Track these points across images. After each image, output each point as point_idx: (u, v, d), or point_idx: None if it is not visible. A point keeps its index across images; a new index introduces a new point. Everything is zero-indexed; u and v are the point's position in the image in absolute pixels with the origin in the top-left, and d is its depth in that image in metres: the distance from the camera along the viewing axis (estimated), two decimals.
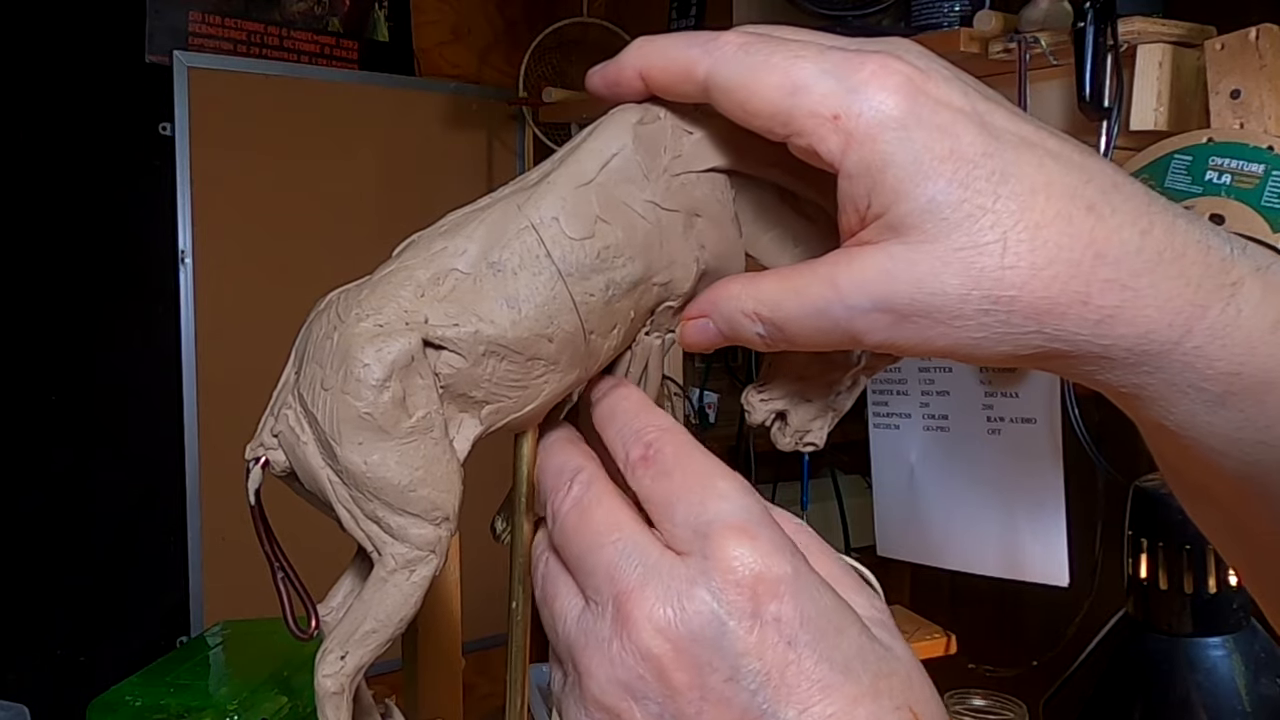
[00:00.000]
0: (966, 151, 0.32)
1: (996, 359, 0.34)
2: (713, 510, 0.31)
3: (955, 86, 0.33)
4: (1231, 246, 0.34)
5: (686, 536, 0.31)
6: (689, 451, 0.33)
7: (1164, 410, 0.35)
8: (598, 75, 0.37)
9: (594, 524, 0.33)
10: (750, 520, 0.31)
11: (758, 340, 0.36)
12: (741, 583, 0.30)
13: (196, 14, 1.81)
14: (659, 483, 0.33)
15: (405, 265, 0.36)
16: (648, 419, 0.35)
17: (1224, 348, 0.33)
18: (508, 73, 2.05)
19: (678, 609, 0.30)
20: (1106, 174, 0.33)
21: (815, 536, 0.35)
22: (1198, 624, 0.87)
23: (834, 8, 1.23)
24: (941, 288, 0.32)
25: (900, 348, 0.34)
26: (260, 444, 0.36)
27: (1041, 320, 0.32)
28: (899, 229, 0.32)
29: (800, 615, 0.30)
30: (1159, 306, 0.32)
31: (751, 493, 0.32)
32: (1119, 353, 0.33)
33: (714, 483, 0.32)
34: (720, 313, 0.37)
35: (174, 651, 1.21)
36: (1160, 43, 1.00)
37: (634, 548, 0.32)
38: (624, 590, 0.31)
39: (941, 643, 1.27)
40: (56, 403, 1.73)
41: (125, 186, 1.77)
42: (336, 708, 0.36)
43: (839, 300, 0.34)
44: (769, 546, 0.30)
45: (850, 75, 0.32)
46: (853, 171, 0.33)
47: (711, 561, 0.30)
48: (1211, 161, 0.93)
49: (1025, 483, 1.22)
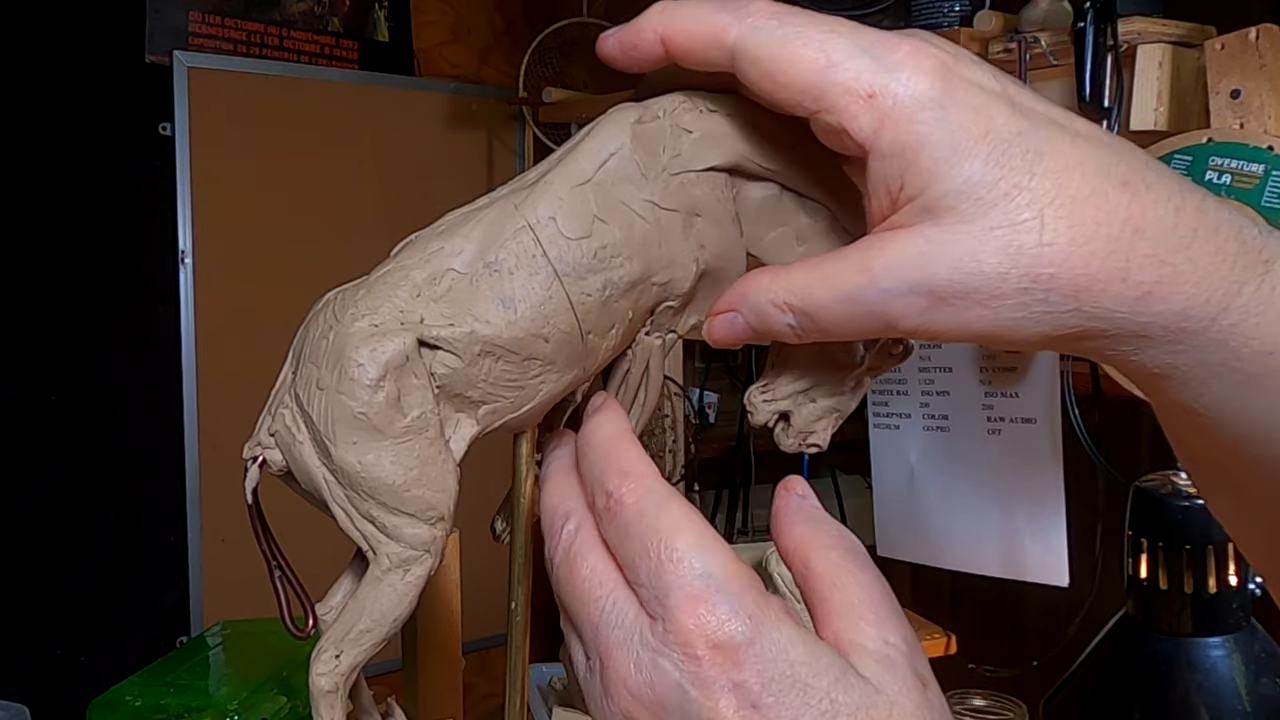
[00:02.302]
0: (1001, 131, 0.32)
1: (1034, 341, 0.33)
2: (670, 578, 0.31)
3: (984, 69, 0.33)
4: (1259, 227, 0.34)
5: (650, 599, 0.32)
6: (646, 506, 0.33)
7: (1196, 392, 0.35)
8: (613, 38, 0.36)
9: (580, 579, 0.33)
10: (707, 587, 0.31)
11: (788, 331, 0.36)
12: (699, 656, 0.30)
13: (196, 14, 1.81)
14: (621, 540, 0.33)
15: (402, 265, 0.36)
16: (614, 461, 0.35)
17: (1259, 325, 0.33)
18: (508, 73, 2.05)
19: (647, 675, 0.31)
20: (1137, 154, 0.33)
21: (833, 561, 0.34)
22: (1198, 624, 0.87)
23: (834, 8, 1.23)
24: (979, 267, 0.32)
25: (936, 332, 0.34)
26: (257, 443, 0.36)
27: (1080, 298, 0.32)
28: (934, 211, 0.32)
29: (761, 679, 0.30)
30: (1196, 282, 0.32)
31: (710, 548, 0.32)
32: (1156, 330, 0.33)
33: (671, 544, 0.32)
34: (750, 305, 0.36)
35: (174, 651, 1.21)
36: (1160, 43, 1.00)
37: (613, 607, 0.32)
38: (605, 651, 0.32)
39: (941, 643, 1.27)
40: (56, 403, 1.73)
41: (125, 186, 1.77)
42: (331, 706, 0.36)
43: (873, 285, 0.33)
44: (726, 613, 0.31)
45: (887, 54, 0.32)
46: (886, 151, 0.32)
47: (672, 633, 0.31)
48: (1211, 161, 0.93)
49: (1025, 483, 1.22)
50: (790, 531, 0.36)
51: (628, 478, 0.34)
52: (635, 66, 0.37)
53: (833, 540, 0.35)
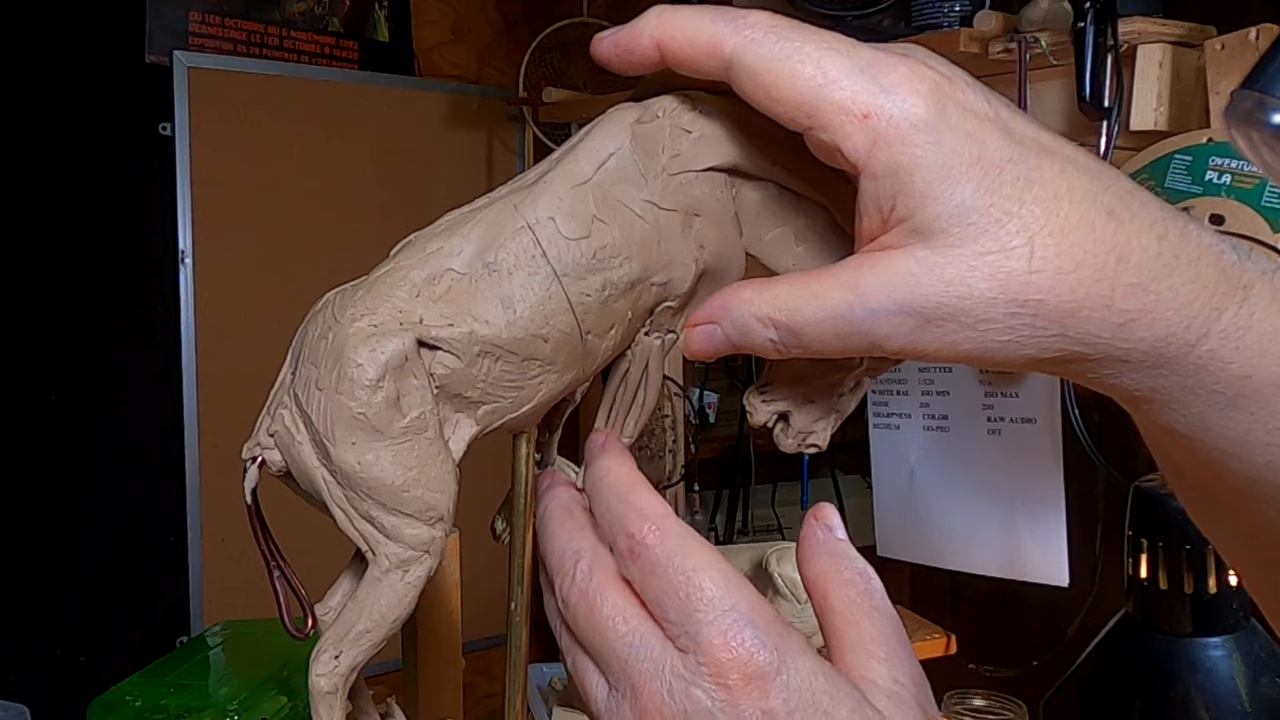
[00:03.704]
0: (993, 157, 0.32)
1: (1019, 363, 0.34)
2: (700, 615, 0.33)
3: (978, 93, 0.33)
4: (1238, 252, 0.34)
5: (681, 635, 0.33)
6: (671, 549, 0.34)
7: (1176, 413, 0.35)
8: (608, 41, 0.36)
9: (603, 617, 0.35)
10: (736, 622, 0.33)
11: (769, 347, 0.36)
12: (731, 685, 0.32)
13: (196, 14, 1.81)
14: (648, 579, 0.34)
15: (401, 266, 0.36)
16: (631, 504, 0.36)
17: (1236, 350, 0.34)
18: (508, 73, 2.05)
19: (681, 704, 0.33)
20: (1122, 181, 0.34)
21: (850, 598, 0.36)
22: (1198, 624, 0.87)
23: (834, 8, 1.23)
24: (969, 291, 0.32)
25: (922, 353, 0.34)
26: (257, 443, 0.36)
27: (1065, 324, 0.33)
28: (925, 233, 0.32)
29: (787, 706, 0.32)
30: (1177, 309, 0.33)
31: (736, 586, 0.34)
32: (1138, 355, 0.33)
33: (700, 583, 0.33)
34: (731, 318, 0.36)
35: (174, 651, 1.21)
36: (1160, 43, 1.00)
37: (641, 641, 0.34)
38: (638, 683, 0.34)
39: (941, 643, 1.27)
40: (56, 403, 1.73)
41: (125, 186, 1.77)
42: (330, 707, 0.36)
43: (861, 304, 0.33)
44: (754, 645, 0.33)
45: (883, 75, 0.32)
46: (879, 173, 0.33)
47: (705, 665, 0.33)
48: (1211, 161, 0.93)
49: (1025, 483, 1.22)
50: (812, 564, 0.37)
51: (648, 520, 0.35)
52: (629, 71, 0.37)
53: (851, 576, 0.37)
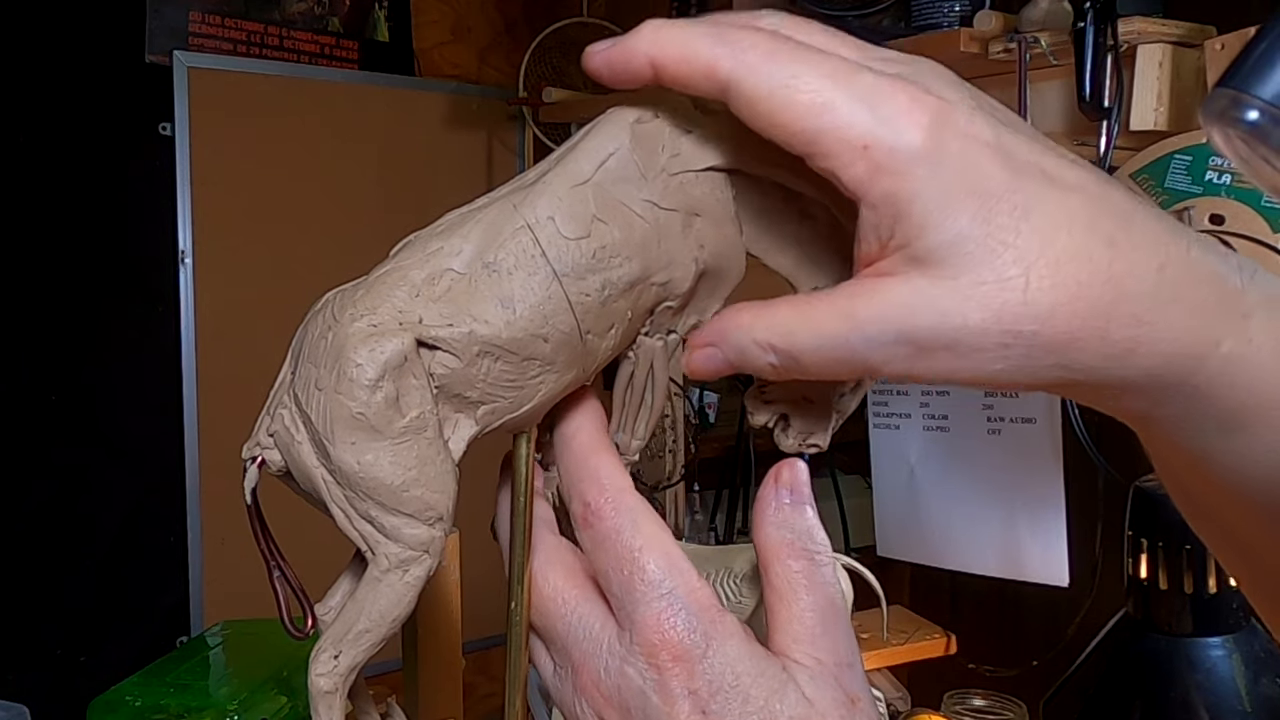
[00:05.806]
0: (991, 186, 0.32)
1: (1014, 388, 0.35)
2: (639, 593, 0.35)
3: (980, 118, 0.33)
4: (1241, 275, 0.34)
5: (619, 608, 0.36)
6: (622, 524, 0.36)
7: (1177, 434, 0.36)
8: (600, 56, 0.36)
9: (544, 598, 0.37)
10: (671, 605, 0.35)
11: (768, 369, 0.36)
12: (661, 665, 0.34)
13: (196, 14, 1.81)
14: (597, 550, 0.36)
15: (400, 265, 0.36)
16: (591, 470, 0.37)
17: (1236, 376, 0.34)
18: (508, 73, 2.05)
19: (616, 680, 0.35)
20: (1124, 204, 0.33)
21: (786, 574, 0.37)
22: (1198, 624, 0.87)
23: (834, 8, 1.23)
24: (964, 322, 0.32)
25: (918, 379, 0.34)
26: (256, 443, 0.36)
27: (1060, 353, 0.33)
28: (922, 262, 0.32)
29: (710, 688, 0.34)
30: (1174, 340, 0.33)
31: (678, 569, 0.35)
32: (1134, 383, 0.34)
33: (643, 562, 0.35)
34: (730, 342, 0.37)
35: (174, 651, 1.21)
36: (1160, 43, 1.00)
37: (579, 621, 0.36)
38: (578, 660, 0.36)
39: (941, 643, 1.27)
40: (56, 403, 1.73)
41: (125, 186, 1.77)
42: (329, 707, 0.36)
43: (858, 331, 0.34)
44: (685, 629, 0.35)
45: (882, 105, 0.32)
46: (877, 202, 0.33)
47: (638, 645, 0.35)
48: (1211, 162, 0.93)
49: (1025, 483, 1.22)
50: (759, 530, 0.38)
51: (605, 491, 0.37)
52: (622, 86, 0.36)
53: (794, 550, 0.37)
